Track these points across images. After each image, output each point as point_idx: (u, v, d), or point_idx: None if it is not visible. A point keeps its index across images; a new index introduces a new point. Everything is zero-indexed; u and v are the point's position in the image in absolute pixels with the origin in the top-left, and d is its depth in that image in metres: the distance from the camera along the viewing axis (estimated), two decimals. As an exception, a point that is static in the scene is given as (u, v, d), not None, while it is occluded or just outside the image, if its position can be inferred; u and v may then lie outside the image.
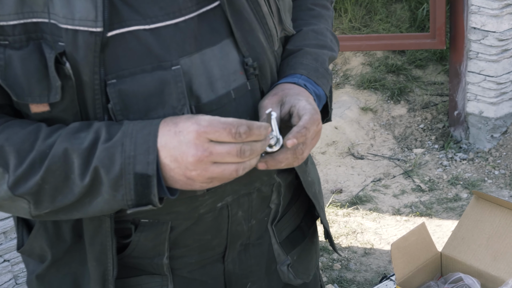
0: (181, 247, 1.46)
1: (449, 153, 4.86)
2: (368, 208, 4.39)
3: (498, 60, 4.58)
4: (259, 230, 1.56)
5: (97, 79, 1.24)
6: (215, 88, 1.33)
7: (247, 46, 1.36)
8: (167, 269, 1.46)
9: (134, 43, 1.25)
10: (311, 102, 1.36)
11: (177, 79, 1.27)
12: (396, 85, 5.42)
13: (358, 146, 5.03)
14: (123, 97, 1.25)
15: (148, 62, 1.26)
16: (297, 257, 1.66)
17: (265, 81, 1.41)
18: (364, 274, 3.79)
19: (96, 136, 1.22)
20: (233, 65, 1.35)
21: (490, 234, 1.68)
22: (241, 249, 1.54)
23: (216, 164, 1.21)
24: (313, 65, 1.49)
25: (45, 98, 1.24)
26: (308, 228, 1.70)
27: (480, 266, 1.66)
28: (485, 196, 1.71)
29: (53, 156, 1.21)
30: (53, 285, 1.48)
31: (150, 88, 1.26)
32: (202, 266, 1.51)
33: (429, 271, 1.71)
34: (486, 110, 4.76)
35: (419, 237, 1.68)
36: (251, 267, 1.58)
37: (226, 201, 1.43)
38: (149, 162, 1.19)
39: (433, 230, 4.07)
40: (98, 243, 1.37)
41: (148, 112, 1.27)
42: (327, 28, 1.62)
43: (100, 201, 1.23)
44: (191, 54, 1.30)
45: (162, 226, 1.40)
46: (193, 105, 1.30)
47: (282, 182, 1.54)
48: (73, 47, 1.22)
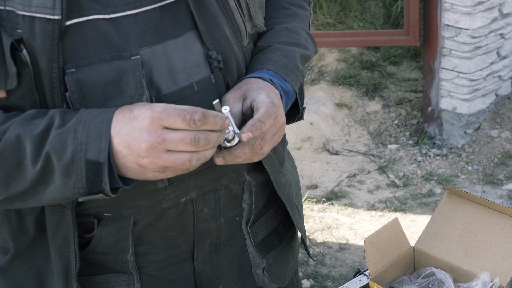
0: (146, 244, 1.45)
1: (423, 149, 4.90)
2: (343, 203, 4.41)
3: (471, 57, 4.63)
4: (229, 230, 1.54)
5: (55, 67, 1.24)
6: (177, 80, 1.32)
7: (212, 39, 1.36)
8: (133, 266, 1.45)
9: (93, 33, 1.25)
10: (272, 96, 1.34)
11: (135, 68, 1.27)
12: (371, 81, 5.44)
13: (333, 142, 5.05)
14: (81, 86, 1.25)
15: (107, 52, 1.26)
16: (273, 261, 1.64)
17: (231, 75, 1.40)
18: (339, 269, 3.81)
19: (50, 122, 1.21)
20: (197, 58, 1.35)
21: (462, 229, 1.70)
22: (212, 249, 1.53)
23: (169, 152, 1.20)
24: (282, 61, 1.48)
25: (1, 85, 1.23)
26: (286, 231, 1.68)
27: (452, 261, 1.68)
28: (458, 192, 1.73)
29: (5, 142, 1.21)
30: (16, 279, 1.47)
31: (108, 77, 1.26)
32: (170, 264, 1.49)
33: (402, 266, 1.73)
34: (459, 107, 4.80)
35: (392, 232, 1.69)
36: (223, 269, 1.56)
37: (191, 196, 1.42)
38: (101, 149, 1.19)
39: (407, 225, 4.10)
40: (60, 235, 1.37)
41: (106, 101, 1.26)
42: (302, 27, 1.61)
43: (53, 188, 1.22)
44: (153, 45, 1.29)
45: (125, 220, 1.39)
46: (153, 96, 1.30)
47: (252, 180, 1.53)
48: (30, 34, 1.22)
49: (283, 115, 1.37)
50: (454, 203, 1.73)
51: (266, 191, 1.59)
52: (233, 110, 1.33)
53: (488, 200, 1.66)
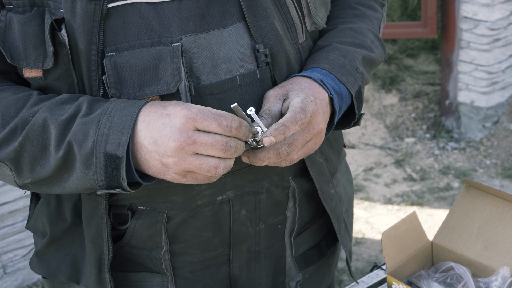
0: (181, 242, 1.42)
1: (440, 142, 4.86)
2: (359, 197, 4.39)
3: (489, 49, 4.58)
4: (270, 238, 1.49)
5: (95, 50, 1.22)
6: (219, 72, 1.29)
7: (260, 32, 1.31)
8: (167, 266, 1.43)
9: (135, 17, 1.23)
10: (308, 100, 1.26)
11: (173, 55, 1.24)
12: (388, 74, 5.41)
13: (349, 135, 5.02)
14: (118, 70, 1.23)
15: (148, 37, 1.24)
16: (309, 276, 1.60)
17: (279, 71, 1.35)
18: (355, 263, 3.79)
19: (77, 110, 1.20)
20: (243, 50, 1.30)
21: (481, 223, 1.67)
22: (251, 256, 1.49)
23: (196, 156, 1.17)
24: (339, 61, 1.40)
25: (39, 64, 1.23)
26: (328, 247, 1.62)
27: (471, 255, 1.65)
28: (476, 185, 1.70)
29: (32, 124, 1.20)
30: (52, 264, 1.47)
31: (145, 62, 1.23)
32: (206, 267, 1.47)
33: (420, 260, 1.71)
34: (477, 100, 4.75)
35: (410, 226, 1.67)
36: (261, 279, 1.52)
37: (228, 195, 1.39)
38: (121, 143, 1.16)
39: (425, 219, 4.07)
40: (94, 224, 1.36)
41: (142, 87, 1.24)
42: (370, 29, 1.51)
43: (75, 178, 1.21)
44: (196, 33, 1.26)
45: (158, 214, 1.37)
46: (192, 86, 1.27)
47: (297, 187, 1.47)
48: (71, 14, 1.21)
49: (320, 122, 1.29)
50: (473, 196, 1.71)
51: (313, 201, 1.53)
52: (271, 109, 1.27)
53: (507, 193, 1.63)
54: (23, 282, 3.54)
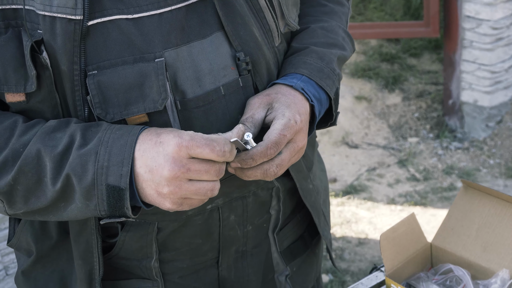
0: (171, 251, 1.42)
1: (443, 142, 4.85)
2: (362, 197, 4.38)
3: (492, 48, 4.56)
4: (257, 237, 1.50)
5: (77, 70, 1.20)
6: (203, 83, 1.27)
7: (239, 40, 1.30)
8: (157, 273, 1.42)
9: (115, 33, 1.21)
10: (292, 123, 1.27)
11: (158, 72, 1.22)
12: (391, 74, 5.40)
13: (352, 135, 5.01)
14: (102, 89, 1.21)
15: (130, 54, 1.22)
16: (297, 269, 1.60)
17: (260, 78, 1.34)
18: (358, 264, 3.78)
19: (71, 140, 1.18)
20: (224, 60, 1.29)
21: (479, 224, 1.66)
22: (238, 256, 1.49)
23: (191, 182, 1.16)
24: (317, 64, 1.40)
25: (21, 88, 1.21)
26: (311, 238, 1.64)
27: (470, 257, 1.64)
28: (474, 186, 1.69)
29: (26, 157, 1.18)
30: (39, 282, 1.45)
31: (130, 80, 1.21)
32: (195, 271, 1.47)
33: (419, 262, 1.70)
34: (480, 99, 4.74)
35: (408, 227, 1.66)
36: (248, 276, 1.53)
37: (217, 203, 1.38)
38: (122, 175, 1.15)
39: (428, 220, 4.06)
40: (83, 241, 1.34)
41: (128, 106, 1.22)
42: (340, 26, 1.53)
43: (74, 208, 1.20)
44: (178, 47, 1.25)
45: (149, 226, 1.36)
46: (178, 100, 1.25)
47: (281, 186, 1.48)
48: (51, 35, 1.18)
49: (303, 138, 1.31)
50: (471, 197, 1.70)
51: (294, 197, 1.54)
52: (255, 116, 1.28)
53: (506, 194, 1.62)
54: None
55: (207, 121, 1.28)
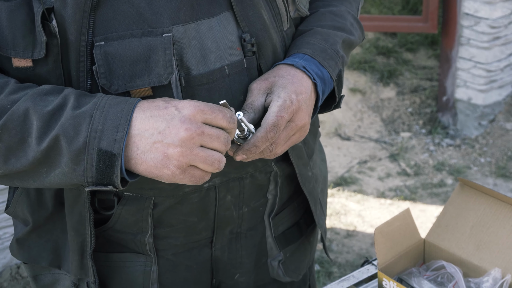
0: (166, 227, 1.42)
1: (436, 138, 4.85)
2: (352, 189, 4.38)
3: (489, 47, 4.56)
4: (252, 220, 1.51)
5: (84, 40, 1.20)
6: (208, 62, 1.28)
7: (247, 21, 1.31)
8: (151, 248, 1.43)
9: (126, 6, 1.21)
10: (288, 103, 1.28)
11: (165, 46, 1.22)
12: (386, 68, 5.39)
13: (345, 127, 5.01)
14: (109, 60, 1.21)
15: (138, 27, 1.22)
16: (290, 255, 1.61)
17: (265, 60, 1.35)
18: (346, 256, 3.79)
19: (64, 102, 1.16)
20: (231, 40, 1.30)
21: (474, 222, 1.67)
22: (232, 237, 1.50)
23: (202, 148, 1.16)
24: (321, 45, 1.41)
25: (29, 54, 1.20)
26: (307, 226, 1.65)
27: (463, 255, 1.64)
28: (471, 184, 1.70)
29: (12, 113, 1.15)
30: (33, 250, 1.46)
31: (137, 53, 1.21)
32: (188, 249, 1.47)
33: (412, 258, 1.70)
34: (475, 97, 4.74)
35: (403, 222, 1.66)
36: (242, 258, 1.54)
37: (214, 182, 1.39)
38: (116, 140, 1.14)
39: (417, 215, 4.07)
40: (76, 213, 1.34)
41: (132, 78, 1.22)
42: (349, 11, 1.53)
43: (59, 173, 1.17)
44: (186, 23, 1.25)
45: (145, 201, 1.37)
46: (182, 76, 1.26)
47: (279, 171, 1.49)
48: (62, 4, 1.18)
49: (303, 117, 1.32)
50: (467, 195, 1.70)
51: (293, 183, 1.55)
52: (254, 103, 1.29)
53: (502, 194, 1.63)
54: (11, 260, 3.53)
55: (210, 99, 1.28)
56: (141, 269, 1.45)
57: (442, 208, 1.71)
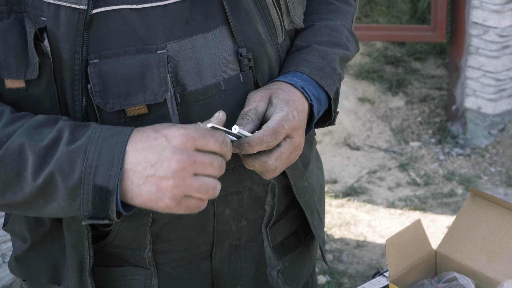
0: (164, 242, 1.41)
1: (445, 147, 4.84)
2: (362, 199, 4.37)
3: (498, 56, 4.55)
4: (250, 232, 1.50)
5: (78, 59, 1.19)
6: (204, 77, 1.27)
7: (243, 36, 1.30)
8: (150, 262, 1.42)
9: (119, 23, 1.20)
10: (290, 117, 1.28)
11: (160, 64, 1.21)
12: (395, 77, 5.39)
13: (354, 136, 5.00)
14: (103, 78, 1.20)
15: (133, 44, 1.21)
16: (289, 264, 1.60)
17: (261, 74, 1.34)
18: (356, 267, 3.77)
19: (58, 136, 1.15)
20: (226, 55, 1.29)
21: (486, 233, 1.65)
22: (231, 249, 1.49)
23: (195, 176, 1.14)
24: (318, 63, 1.40)
25: (21, 74, 1.19)
26: (305, 235, 1.64)
27: (475, 267, 1.63)
28: (482, 194, 1.68)
29: (8, 148, 1.15)
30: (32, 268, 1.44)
31: (131, 71, 1.20)
32: (188, 263, 1.46)
33: (423, 269, 1.69)
34: (484, 106, 4.73)
35: (414, 234, 1.65)
36: (241, 270, 1.53)
37: None
38: (111, 175, 1.12)
39: (427, 225, 4.05)
40: (75, 230, 1.33)
41: (128, 96, 1.21)
42: (345, 25, 1.53)
43: (55, 206, 1.16)
44: (180, 39, 1.24)
45: (143, 217, 1.35)
46: (177, 93, 1.25)
47: (276, 183, 1.48)
48: (54, 23, 1.17)
49: (301, 135, 1.31)
50: (478, 205, 1.69)
51: (289, 193, 1.54)
52: (258, 109, 1.28)
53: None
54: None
55: (206, 115, 1.27)
56: (142, 282, 1.44)
57: (453, 218, 1.70)
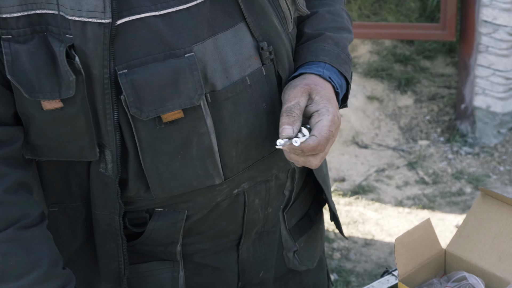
0: (195, 235, 1.43)
1: (454, 146, 4.82)
2: (370, 198, 4.36)
3: (508, 54, 4.53)
4: (273, 218, 1.53)
5: (107, 73, 1.19)
6: (230, 75, 1.29)
7: (260, 31, 1.32)
8: (180, 255, 1.43)
9: (144, 31, 1.21)
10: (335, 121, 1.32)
11: (192, 67, 1.22)
12: (404, 75, 5.37)
13: (362, 135, 4.99)
14: (136, 88, 1.20)
15: (160, 50, 1.21)
16: (304, 244, 1.64)
17: (282, 65, 1.37)
18: (364, 265, 3.76)
19: None
20: (248, 50, 1.31)
21: (496, 233, 1.65)
22: (256, 237, 1.52)
23: None
24: (335, 51, 1.43)
25: (56, 94, 1.19)
26: (315, 214, 1.68)
27: (485, 266, 1.62)
28: (492, 194, 1.68)
29: None
30: None
31: (164, 77, 1.21)
32: (216, 252, 1.48)
33: (433, 268, 1.68)
34: (493, 105, 4.71)
35: (423, 233, 1.64)
36: (265, 255, 1.55)
37: (243, 188, 1.40)
38: None
39: (436, 224, 4.04)
40: (108, 240, 1.35)
41: (162, 103, 1.22)
42: (342, 8, 1.57)
43: None
44: (205, 40, 1.25)
45: (178, 215, 1.37)
46: (208, 93, 1.26)
47: (296, 167, 1.51)
48: (82, 40, 1.17)
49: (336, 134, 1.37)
50: (488, 205, 1.68)
51: (303, 175, 1.58)
52: (301, 103, 1.31)
53: (524, 204, 1.61)
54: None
55: (236, 112, 1.30)
56: (169, 275, 1.45)
57: (461, 217, 1.70)
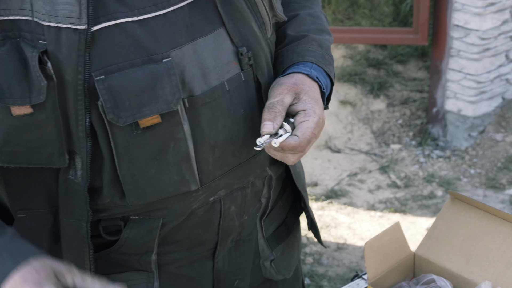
0: (171, 243, 1.41)
1: (426, 150, 4.85)
2: (342, 202, 4.37)
3: (479, 58, 4.57)
4: (249, 226, 1.52)
5: (81, 79, 1.18)
6: (208, 80, 1.28)
7: (240, 36, 1.32)
8: (154, 265, 1.41)
9: (121, 37, 1.20)
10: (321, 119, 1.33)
11: (170, 72, 1.22)
12: (376, 80, 5.39)
13: (335, 139, 5.00)
14: (113, 94, 1.19)
15: (138, 56, 1.21)
16: (281, 253, 1.62)
17: (261, 71, 1.36)
18: (336, 269, 3.77)
19: None
20: (227, 55, 1.31)
21: (464, 236, 1.66)
22: (232, 245, 1.50)
23: None
24: (319, 52, 1.44)
25: (26, 100, 1.18)
26: (293, 223, 1.67)
27: (453, 268, 1.63)
28: (461, 197, 1.69)
29: None
30: None
31: (142, 82, 1.20)
32: (191, 262, 1.46)
33: (402, 272, 1.69)
34: (464, 109, 4.75)
35: (393, 236, 1.65)
36: (240, 264, 1.54)
37: (219, 195, 1.39)
38: None
39: (407, 227, 4.05)
40: (74, 248, 1.33)
41: (140, 108, 1.21)
42: (320, 11, 1.57)
43: None
44: (183, 45, 1.25)
45: (154, 222, 1.35)
46: (185, 98, 1.26)
47: (273, 174, 1.50)
48: (56, 46, 1.16)
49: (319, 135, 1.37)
50: (457, 208, 1.69)
51: (280, 183, 1.57)
52: (285, 100, 1.31)
53: (492, 207, 1.63)
54: None
55: (213, 117, 1.29)
56: (144, 286, 1.43)
57: (432, 220, 1.71)
